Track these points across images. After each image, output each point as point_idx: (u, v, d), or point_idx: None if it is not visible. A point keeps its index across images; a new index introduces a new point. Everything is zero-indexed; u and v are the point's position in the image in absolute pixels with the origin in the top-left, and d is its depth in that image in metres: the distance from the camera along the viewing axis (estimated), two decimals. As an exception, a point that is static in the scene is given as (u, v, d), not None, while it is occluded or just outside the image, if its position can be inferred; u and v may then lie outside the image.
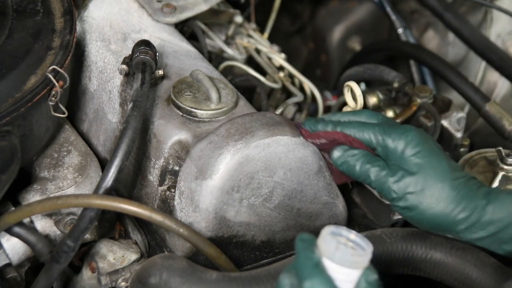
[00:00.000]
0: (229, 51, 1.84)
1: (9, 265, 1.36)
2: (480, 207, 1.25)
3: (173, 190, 1.39)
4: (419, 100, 1.66)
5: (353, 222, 1.51)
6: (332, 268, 1.01)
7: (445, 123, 1.66)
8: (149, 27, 1.59)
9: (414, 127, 1.32)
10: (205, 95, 1.43)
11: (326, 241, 1.02)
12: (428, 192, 1.27)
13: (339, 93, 1.92)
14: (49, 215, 1.37)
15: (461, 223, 1.26)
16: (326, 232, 1.03)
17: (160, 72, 1.45)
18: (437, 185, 1.27)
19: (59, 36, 1.42)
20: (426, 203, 1.27)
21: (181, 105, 1.41)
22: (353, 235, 1.04)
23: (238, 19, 1.88)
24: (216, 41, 1.83)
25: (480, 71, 2.18)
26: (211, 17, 1.83)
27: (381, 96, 1.68)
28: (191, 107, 1.41)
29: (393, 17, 2.18)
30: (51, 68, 1.36)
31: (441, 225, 1.28)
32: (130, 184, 1.47)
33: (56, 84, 1.35)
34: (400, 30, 2.18)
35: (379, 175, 1.30)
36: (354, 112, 1.38)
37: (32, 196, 1.37)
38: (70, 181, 1.40)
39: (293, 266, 1.03)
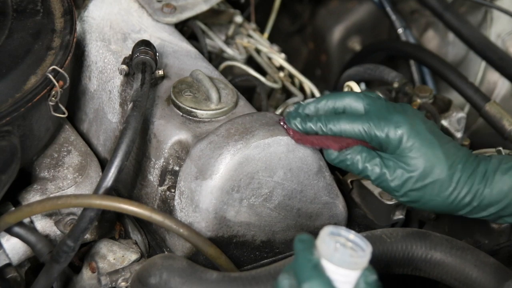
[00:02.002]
0: (229, 51, 1.84)
1: (9, 265, 1.36)
2: (479, 192, 1.30)
3: (173, 190, 1.39)
4: (419, 100, 1.66)
5: (353, 222, 1.51)
6: (331, 269, 1.01)
7: (445, 123, 1.66)
8: (149, 27, 1.59)
9: (406, 111, 1.32)
10: (205, 95, 1.43)
11: (325, 242, 1.01)
12: (428, 187, 1.30)
13: (339, 93, 1.92)
14: (49, 215, 1.37)
15: (463, 209, 1.31)
16: (325, 232, 1.02)
17: (160, 72, 1.45)
18: (435, 179, 1.29)
19: (59, 36, 1.42)
20: (427, 196, 1.31)
21: (181, 105, 1.41)
22: (352, 235, 1.03)
23: (238, 19, 1.88)
24: (216, 41, 1.83)
25: (480, 71, 2.18)
26: (211, 17, 1.83)
27: (381, 96, 1.68)
28: (191, 107, 1.41)
29: (393, 17, 2.18)
30: (51, 68, 1.36)
31: (444, 211, 1.33)
32: (130, 184, 1.47)
33: (56, 84, 1.35)
34: (400, 30, 2.18)
35: (378, 174, 1.31)
36: (337, 96, 1.35)
37: (32, 196, 1.37)
38: (70, 181, 1.40)
39: (292, 267, 1.03)
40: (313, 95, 1.87)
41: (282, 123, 1.35)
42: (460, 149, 1.32)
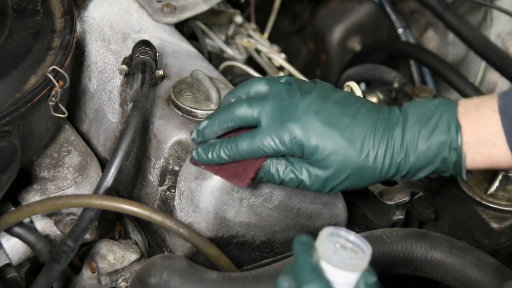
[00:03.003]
0: (229, 51, 1.84)
1: (9, 265, 1.36)
2: (402, 164, 1.24)
3: (173, 190, 1.39)
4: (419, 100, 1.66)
5: (353, 222, 1.51)
6: (331, 271, 1.00)
7: (445, 123, 1.66)
8: (149, 27, 1.59)
9: (304, 100, 1.26)
10: (205, 95, 1.43)
11: (325, 244, 1.01)
12: (350, 178, 1.26)
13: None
14: (49, 215, 1.37)
15: (395, 176, 1.26)
16: (325, 234, 1.02)
17: (160, 72, 1.45)
18: (353, 169, 1.25)
19: (59, 36, 1.42)
20: (354, 183, 1.27)
21: (181, 105, 1.41)
22: (352, 236, 1.03)
23: (238, 19, 1.88)
24: (216, 41, 1.83)
25: (480, 71, 2.18)
26: (211, 17, 1.83)
27: (381, 96, 1.68)
28: (191, 107, 1.41)
29: (393, 17, 2.19)
30: (51, 68, 1.36)
31: (379, 182, 1.29)
32: (130, 184, 1.47)
33: (56, 84, 1.35)
34: (400, 30, 2.18)
35: (296, 183, 1.27)
36: (227, 112, 1.29)
37: (32, 196, 1.37)
38: (70, 181, 1.40)
39: (291, 270, 1.02)
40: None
41: (192, 162, 1.31)
42: (367, 117, 1.25)
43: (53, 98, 1.36)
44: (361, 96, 1.55)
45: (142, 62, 1.40)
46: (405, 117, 1.25)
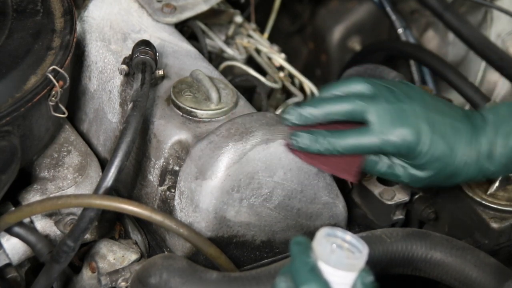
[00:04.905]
0: (229, 51, 1.84)
1: (9, 265, 1.36)
2: (486, 171, 1.33)
3: (173, 190, 1.39)
4: (419, 100, 1.66)
5: (353, 222, 1.51)
6: (328, 271, 1.01)
7: (445, 123, 1.66)
8: (149, 27, 1.59)
9: (413, 110, 1.30)
10: (205, 95, 1.43)
11: (321, 244, 1.01)
12: (437, 181, 1.34)
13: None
14: (49, 215, 1.37)
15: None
16: (321, 234, 1.02)
17: (160, 72, 1.45)
18: (444, 175, 1.32)
19: (59, 36, 1.42)
20: (435, 185, 1.36)
21: (181, 105, 1.41)
22: (348, 236, 1.03)
23: (238, 19, 1.88)
24: (216, 41, 1.83)
25: (480, 71, 2.18)
26: (211, 17, 1.83)
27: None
28: (191, 107, 1.41)
29: (393, 17, 2.18)
30: (51, 68, 1.36)
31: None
32: (130, 184, 1.47)
33: (56, 84, 1.35)
34: (400, 30, 2.18)
35: (391, 176, 1.35)
36: (334, 101, 1.32)
37: (32, 196, 1.37)
38: (70, 181, 1.40)
39: (289, 270, 1.02)
40: (313, 95, 1.87)
41: (286, 146, 1.33)
42: (465, 127, 1.32)
43: (53, 98, 1.36)
44: None
45: (142, 62, 1.40)
46: (485, 124, 1.32)
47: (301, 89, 1.88)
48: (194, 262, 1.26)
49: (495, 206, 1.47)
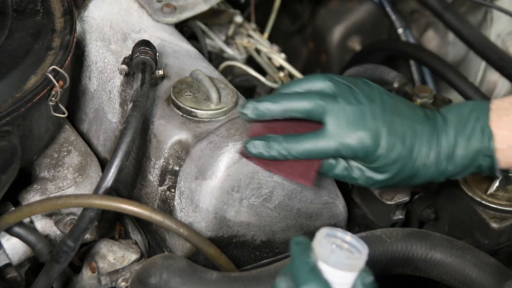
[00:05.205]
0: (229, 51, 1.84)
1: (9, 265, 1.36)
2: (446, 171, 1.32)
3: (173, 190, 1.39)
4: (419, 100, 1.66)
5: (353, 222, 1.51)
6: (328, 271, 1.01)
7: (445, 123, 1.66)
8: (149, 27, 1.59)
9: (375, 112, 1.28)
10: (205, 95, 1.43)
11: (322, 244, 1.02)
12: (394, 183, 1.32)
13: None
14: (49, 215, 1.37)
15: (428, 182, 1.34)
16: (321, 234, 1.02)
17: (160, 72, 1.45)
18: (402, 177, 1.31)
19: (59, 36, 1.42)
20: (394, 186, 1.35)
21: (181, 105, 1.41)
22: (348, 236, 1.03)
23: (238, 19, 1.88)
24: (216, 41, 1.83)
25: (480, 71, 2.18)
26: (211, 17, 1.83)
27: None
28: (191, 107, 1.41)
29: (393, 17, 2.19)
30: (51, 68, 1.36)
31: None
32: (130, 184, 1.47)
33: (56, 84, 1.35)
34: (400, 30, 2.18)
35: (347, 179, 1.33)
36: (292, 98, 1.29)
37: (32, 196, 1.37)
38: (70, 181, 1.40)
39: (289, 270, 1.02)
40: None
41: (240, 153, 1.30)
42: (423, 128, 1.30)
43: (53, 98, 1.36)
44: None
45: (142, 62, 1.40)
46: (446, 125, 1.30)
47: (301, 89, 1.88)
48: (194, 262, 1.26)
49: (495, 206, 1.47)
